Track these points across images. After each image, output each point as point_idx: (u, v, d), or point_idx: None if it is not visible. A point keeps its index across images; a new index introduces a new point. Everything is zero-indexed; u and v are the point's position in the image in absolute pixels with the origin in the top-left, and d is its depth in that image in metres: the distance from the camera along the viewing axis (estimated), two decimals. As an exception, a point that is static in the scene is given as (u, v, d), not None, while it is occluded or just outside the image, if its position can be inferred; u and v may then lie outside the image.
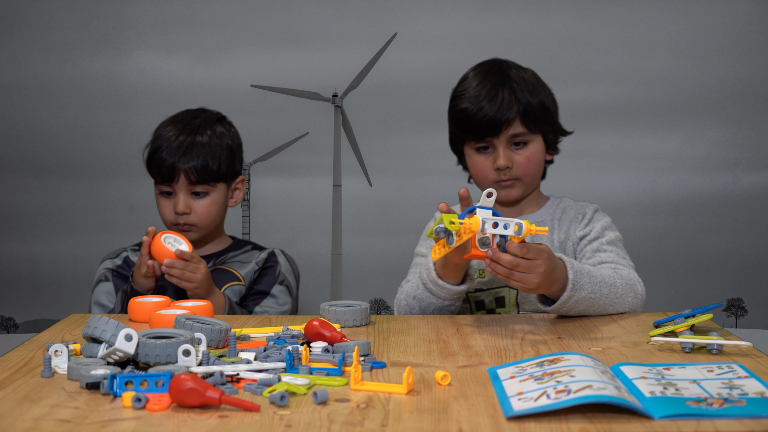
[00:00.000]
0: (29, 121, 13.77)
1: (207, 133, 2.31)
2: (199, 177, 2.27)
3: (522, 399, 1.24)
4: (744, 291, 15.37)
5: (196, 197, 2.30)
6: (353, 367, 1.36)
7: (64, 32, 13.61)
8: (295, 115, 16.85)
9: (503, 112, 2.15)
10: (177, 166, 2.27)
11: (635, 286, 2.02)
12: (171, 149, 2.27)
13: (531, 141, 2.20)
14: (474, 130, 2.18)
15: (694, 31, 13.94)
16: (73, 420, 1.20)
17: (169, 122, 2.36)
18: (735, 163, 14.15)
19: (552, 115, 2.25)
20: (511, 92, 2.16)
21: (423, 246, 2.28)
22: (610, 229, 2.23)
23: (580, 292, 1.88)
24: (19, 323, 20.87)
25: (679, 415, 1.16)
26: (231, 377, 1.38)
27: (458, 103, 2.21)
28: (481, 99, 2.16)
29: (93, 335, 1.45)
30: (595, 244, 2.19)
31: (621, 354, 1.59)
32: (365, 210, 14.47)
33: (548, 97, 2.24)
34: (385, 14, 14.78)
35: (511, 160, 2.18)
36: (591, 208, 2.28)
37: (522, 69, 2.25)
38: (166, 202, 2.32)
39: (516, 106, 2.15)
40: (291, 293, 2.39)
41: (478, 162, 2.22)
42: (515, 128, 2.17)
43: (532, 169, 2.21)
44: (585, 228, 2.24)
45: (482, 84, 2.19)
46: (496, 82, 2.18)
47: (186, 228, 2.31)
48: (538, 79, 2.25)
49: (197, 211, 2.30)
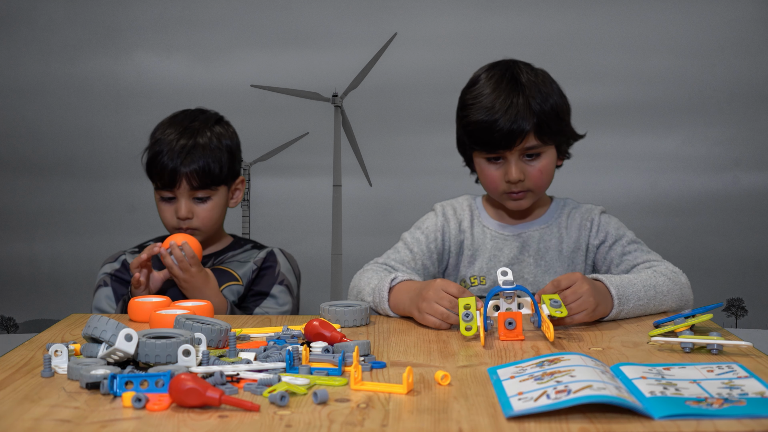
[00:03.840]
0: (29, 121, 13.80)
1: (207, 134, 2.30)
2: (200, 182, 2.26)
3: (522, 399, 1.23)
4: (744, 291, 15.40)
5: (198, 202, 2.29)
6: (353, 367, 1.35)
7: (64, 33, 13.63)
8: (295, 115, 16.90)
9: (518, 125, 2.07)
10: (178, 171, 2.25)
11: (678, 278, 2.03)
12: (172, 153, 2.25)
13: (544, 152, 2.14)
14: (487, 142, 2.11)
15: (694, 31, 13.95)
16: (73, 420, 1.20)
17: (168, 125, 2.33)
18: (735, 163, 14.17)
19: (567, 125, 2.19)
20: (525, 103, 2.09)
21: (411, 235, 2.25)
22: (623, 228, 2.22)
23: (626, 305, 1.90)
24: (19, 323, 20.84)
25: (679, 415, 1.16)
26: (231, 377, 1.38)
27: (470, 113, 2.13)
28: (496, 111, 2.08)
29: (93, 335, 1.45)
30: (618, 248, 2.18)
31: (621, 354, 1.59)
32: (365, 210, 14.50)
33: (561, 101, 2.17)
34: (385, 14, 14.80)
35: (524, 173, 2.12)
36: (596, 211, 2.25)
37: (534, 72, 2.17)
38: (168, 207, 2.31)
39: (531, 118, 2.08)
40: (291, 293, 2.38)
41: (489, 172, 2.16)
42: (529, 141, 2.10)
43: (544, 180, 2.16)
44: (598, 235, 2.21)
45: (496, 93, 2.11)
46: (511, 91, 2.10)
47: (188, 233, 2.31)
48: (550, 81, 2.18)
49: (199, 216, 2.29)
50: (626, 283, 1.92)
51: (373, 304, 2.03)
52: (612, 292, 1.88)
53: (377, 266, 2.17)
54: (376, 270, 2.14)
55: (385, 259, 2.20)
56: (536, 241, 2.23)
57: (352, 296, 2.13)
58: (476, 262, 2.23)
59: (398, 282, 2.00)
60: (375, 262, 2.19)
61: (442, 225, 2.25)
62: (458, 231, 2.25)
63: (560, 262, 2.22)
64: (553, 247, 2.22)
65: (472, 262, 2.24)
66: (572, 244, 2.23)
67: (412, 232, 2.26)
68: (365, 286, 2.08)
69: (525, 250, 2.22)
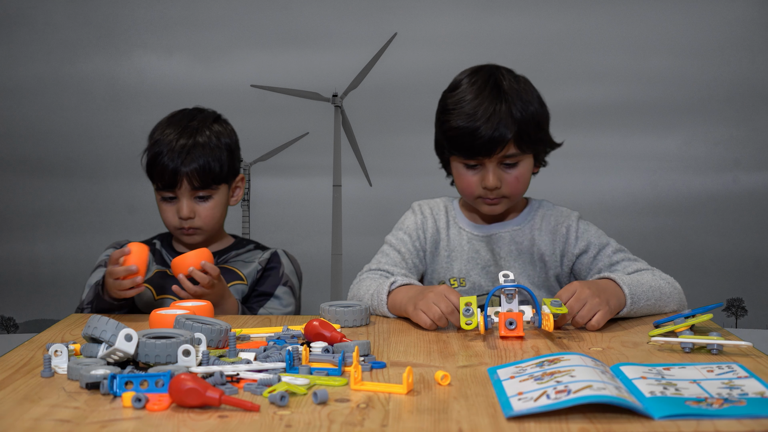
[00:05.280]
0: (29, 121, 13.81)
1: (206, 133, 2.30)
2: (202, 181, 2.26)
3: (522, 399, 1.23)
4: (744, 291, 15.40)
5: (200, 201, 2.29)
6: (353, 367, 1.35)
7: (64, 33, 13.64)
8: (295, 115, 16.90)
9: (500, 133, 2.07)
10: (179, 171, 2.25)
11: (674, 283, 2.06)
12: (172, 153, 2.25)
13: (522, 160, 2.14)
14: (467, 149, 2.11)
15: (694, 31, 13.96)
16: (73, 420, 1.20)
17: (166, 125, 2.33)
18: (735, 163, 14.17)
19: (546, 134, 2.19)
20: (507, 111, 2.08)
21: (394, 237, 2.26)
22: (604, 236, 2.21)
23: (638, 303, 1.92)
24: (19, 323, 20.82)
25: (679, 415, 1.16)
26: (231, 377, 1.38)
27: (451, 118, 2.12)
28: (478, 118, 2.07)
29: (93, 335, 1.45)
30: (604, 258, 2.17)
31: (621, 354, 1.59)
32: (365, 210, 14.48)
33: (541, 109, 2.17)
34: (385, 14, 14.81)
35: (501, 180, 2.13)
36: (573, 217, 2.23)
37: (516, 78, 2.17)
38: (169, 208, 2.30)
39: (512, 126, 2.08)
40: (294, 294, 2.39)
41: (466, 177, 2.16)
42: (509, 149, 2.10)
43: (520, 188, 2.16)
44: (578, 243, 2.20)
45: (478, 99, 2.10)
46: (493, 98, 2.10)
47: (191, 232, 2.30)
48: (532, 89, 2.17)
49: (201, 215, 2.29)
50: (635, 283, 1.94)
51: (371, 307, 2.04)
52: (625, 291, 1.89)
53: (372, 273, 2.18)
54: (373, 277, 2.15)
55: (377, 264, 2.21)
56: (507, 242, 2.23)
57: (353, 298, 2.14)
58: (454, 264, 2.24)
59: (397, 286, 2.01)
60: (369, 269, 2.20)
61: (422, 222, 2.27)
62: (435, 230, 2.27)
63: (531, 265, 2.21)
64: (525, 249, 2.22)
65: (450, 265, 2.24)
66: (545, 246, 2.22)
67: (394, 233, 2.28)
68: (365, 293, 2.08)
69: (498, 252, 2.23)
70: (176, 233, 2.33)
